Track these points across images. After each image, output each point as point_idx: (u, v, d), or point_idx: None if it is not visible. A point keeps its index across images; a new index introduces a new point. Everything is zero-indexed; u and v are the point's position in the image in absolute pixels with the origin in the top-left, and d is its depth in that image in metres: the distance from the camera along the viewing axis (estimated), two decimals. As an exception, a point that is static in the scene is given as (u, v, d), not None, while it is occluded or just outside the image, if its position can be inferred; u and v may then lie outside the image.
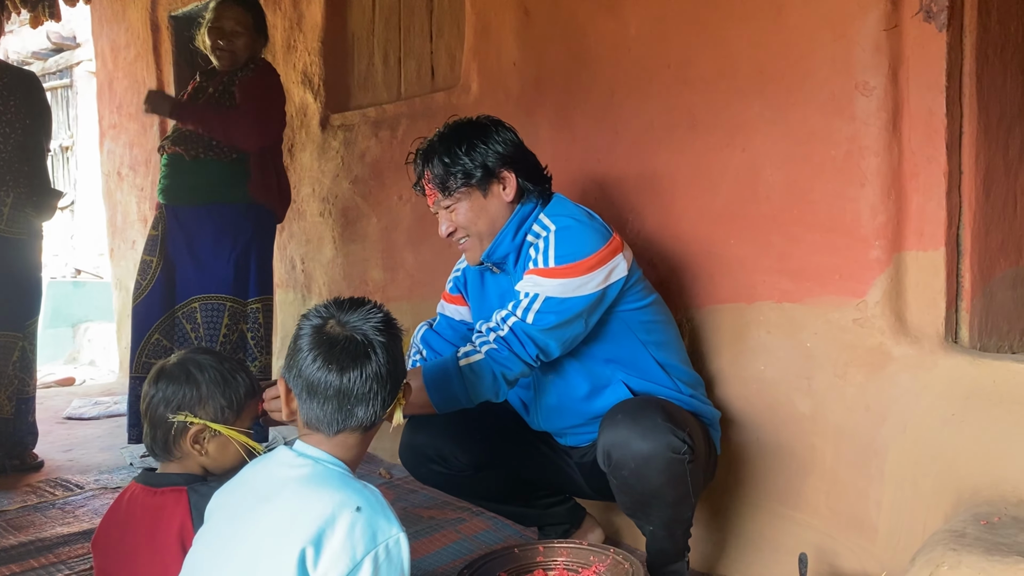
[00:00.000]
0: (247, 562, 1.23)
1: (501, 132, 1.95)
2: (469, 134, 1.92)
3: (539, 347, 1.79)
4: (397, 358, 1.37)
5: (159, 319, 3.04)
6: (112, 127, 5.19)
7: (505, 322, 1.79)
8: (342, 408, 1.31)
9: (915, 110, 1.86)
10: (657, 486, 1.71)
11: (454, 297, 2.15)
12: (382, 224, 3.38)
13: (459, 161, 1.87)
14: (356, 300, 1.38)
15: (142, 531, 1.54)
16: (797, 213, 2.02)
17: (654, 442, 1.68)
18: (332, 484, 1.27)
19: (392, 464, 3.16)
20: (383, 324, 1.35)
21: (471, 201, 1.90)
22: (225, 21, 3.05)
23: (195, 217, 3.05)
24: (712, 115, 2.17)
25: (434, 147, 1.92)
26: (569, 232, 1.85)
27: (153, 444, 1.60)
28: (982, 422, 1.73)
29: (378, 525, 1.23)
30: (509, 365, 1.78)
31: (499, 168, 1.90)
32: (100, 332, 6.57)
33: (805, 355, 2.03)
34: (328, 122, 3.62)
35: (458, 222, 1.92)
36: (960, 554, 1.41)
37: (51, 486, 3.02)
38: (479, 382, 1.77)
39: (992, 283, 1.94)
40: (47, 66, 9.60)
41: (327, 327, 1.33)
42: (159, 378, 1.59)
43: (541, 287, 1.79)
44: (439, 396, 1.78)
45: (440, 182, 1.89)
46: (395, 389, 1.37)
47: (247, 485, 1.36)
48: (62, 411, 4.41)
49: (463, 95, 2.97)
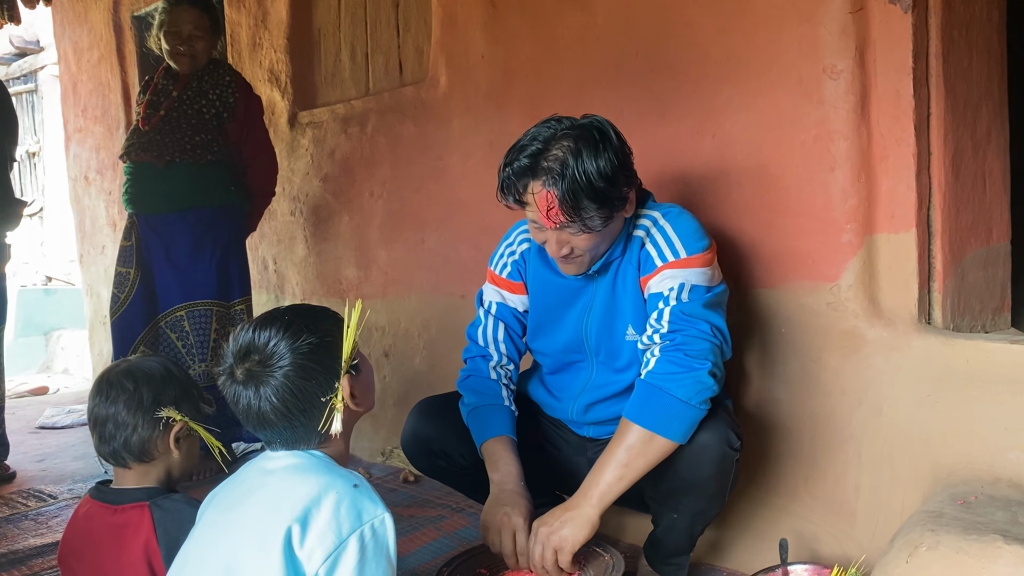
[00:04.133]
0: (235, 547, 1.23)
1: (620, 138, 1.72)
2: (601, 148, 1.66)
3: (706, 320, 1.67)
4: (303, 387, 1.29)
5: (142, 332, 2.98)
6: (78, 131, 5.10)
7: (661, 318, 1.69)
8: (284, 432, 1.31)
9: (883, 92, 1.86)
10: (704, 477, 1.68)
11: (515, 284, 1.97)
12: (354, 222, 3.35)
13: (603, 196, 1.65)
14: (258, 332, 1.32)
15: (106, 551, 1.51)
16: (768, 199, 2.02)
17: (713, 432, 1.66)
18: (319, 470, 1.27)
19: (371, 463, 3.14)
20: (284, 349, 1.29)
21: (601, 231, 1.73)
22: (183, 25, 2.98)
23: (170, 224, 2.98)
24: (681, 102, 2.16)
25: (564, 165, 1.64)
26: (687, 223, 1.77)
27: (123, 449, 1.55)
28: (956, 402, 1.73)
29: (363, 505, 1.22)
30: (688, 345, 1.65)
31: (627, 189, 1.72)
32: (73, 340, 6.48)
33: (780, 341, 2.03)
34: (296, 120, 3.58)
35: (579, 245, 1.73)
36: (938, 534, 1.41)
37: (23, 497, 2.97)
38: (673, 379, 1.63)
39: (963, 263, 1.94)
40: (11, 71, 9.46)
41: (235, 374, 1.31)
42: (128, 379, 1.56)
43: (685, 278, 1.70)
44: (663, 423, 1.62)
45: (581, 219, 1.66)
46: (320, 405, 1.31)
47: (238, 480, 1.36)
48: (35, 420, 4.35)
49: (432, 89, 2.94)
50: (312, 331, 1.30)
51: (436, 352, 3.05)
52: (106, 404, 1.55)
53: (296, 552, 1.18)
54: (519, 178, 1.70)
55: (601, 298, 1.86)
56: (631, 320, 1.81)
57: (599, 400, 1.91)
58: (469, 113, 2.79)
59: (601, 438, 1.96)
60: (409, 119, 3.06)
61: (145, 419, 1.54)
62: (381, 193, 3.22)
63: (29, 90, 9.44)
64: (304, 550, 1.18)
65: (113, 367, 1.61)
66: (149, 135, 2.97)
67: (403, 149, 3.10)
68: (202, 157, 2.97)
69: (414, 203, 3.08)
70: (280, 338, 1.29)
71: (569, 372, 1.96)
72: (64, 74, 5.27)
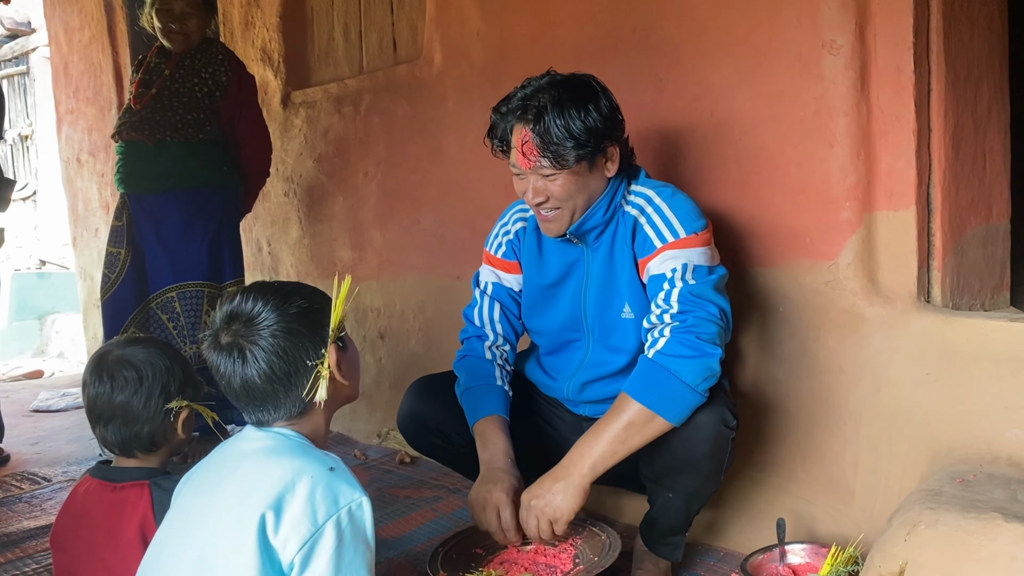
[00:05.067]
0: (209, 533, 1.21)
1: (608, 95, 1.76)
2: (581, 94, 1.71)
3: (714, 303, 1.66)
4: (289, 348, 1.27)
5: (132, 312, 2.95)
6: (69, 112, 5.06)
7: (669, 298, 1.67)
8: (267, 401, 1.29)
9: (883, 68, 1.83)
10: (699, 455, 1.67)
11: (510, 264, 1.97)
12: (348, 203, 3.33)
13: (574, 127, 1.67)
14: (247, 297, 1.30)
15: (102, 527, 1.51)
16: (766, 176, 2.00)
17: (709, 411, 1.65)
18: (292, 453, 1.25)
19: (367, 445, 3.13)
20: (272, 318, 1.27)
21: (577, 174, 1.72)
22: (175, 3, 2.94)
23: (162, 204, 2.95)
24: (679, 79, 2.14)
25: (543, 102, 1.69)
26: (683, 202, 1.76)
27: (134, 442, 1.55)
28: (956, 381, 1.72)
29: (340, 490, 1.20)
30: (700, 327, 1.63)
31: (607, 141, 1.73)
32: (68, 323, 6.45)
33: (778, 320, 2.02)
34: (289, 99, 3.55)
35: (554, 193, 1.73)
36: (937, 512, 1.40)
37: (17, 480, 2.95)
38: (683, 362, 1.61)
39: (963, 241, 1.92)
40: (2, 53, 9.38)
41: (220, 339, 1.29)
42: (133, 370, 1.54)
43: (687, 258, 1.69)
44: (663, 403, 1.62)
45: (552, 150, 1.68)
46: (305, 370, 1.29)
47: (212, 462, 1.33)
48: (29, 404, 4.33)
49: (426, 67, 2.91)
50: (302, 296, 1.30)
51: (431, 334, 3.03)
52: (112, 396, 1.53)
53: (270, 540, 1.15)
54: (504, 119, 1.75)
55: (596, 275, 1.85)
56: (627, 299, 1.80)
57: (594, 379, 1.90)
58: (464, 91, 2.76)
59: (596, 416, 1.94)
60: (403, 98, 3.03)
61: (157, 413, 1.54)
62: (375, 174, 3.19)
63: (21, 72, 9.37)
64: (279, 537, 1.15)
65: (107, 352, 1.58)
66: (140, 114, 2.93)
67: (397, 129, 3.07)
68: (194, 136, 2.93)
69: (409, 183, 3.05)
70: (267, 303, 1.27)
71: (565, 351, 1.95)
72: (55, 55, 5.21)
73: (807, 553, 1.81)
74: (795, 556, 1.81)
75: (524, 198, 1.79)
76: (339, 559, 1.16)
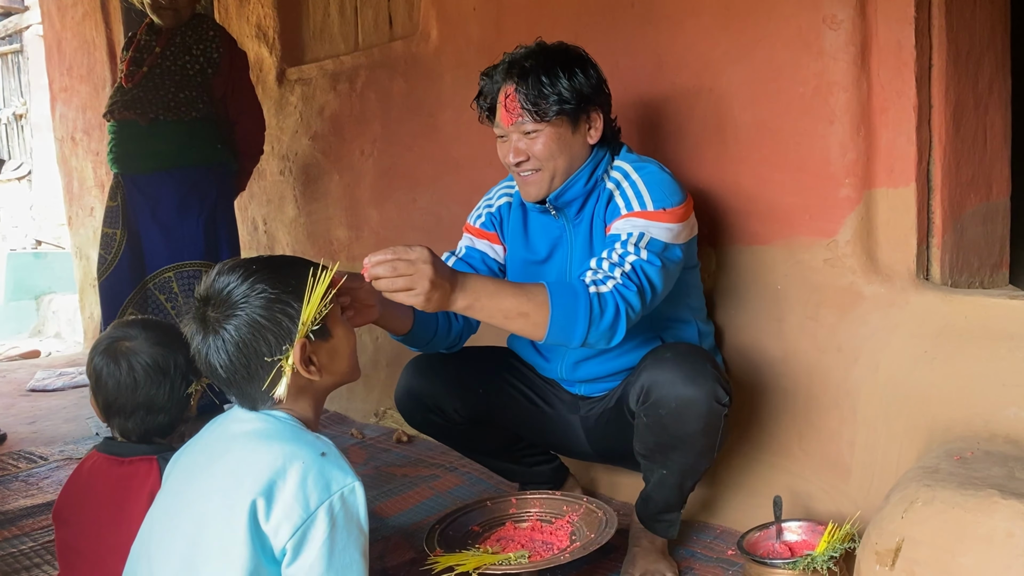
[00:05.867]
0: (199, 518, 1.19)
1: (595, 66, 1.79)
2: (568, 58, 1.75)
3: (653, 288, 1.64)
4: (249, 340, 1.22)
5: (130, 293, 2.94)
6: (63, 90, 5.02)
7: (625, 259, 1.63)
8: (231, 388, 1.27)
9: (884, 43, 1.81)
10: (691, 432, 1.66)
11: (487, 233, 1.99)
12: (344, 181, 3.30)
13: (559, 84, 1.70)
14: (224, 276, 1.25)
15: (107, 501, 1.50)
16: (765, 153, 1.98)
17: (700, 387, 1.64)
18: (282, 437, 1.22)
19: (364, 424, 3.13)
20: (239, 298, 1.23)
21: (558, 133, 1.73)
22: None
23: (156, 184, 2.93)
24: (678, 54, 2.11)
25: (528, 63, 1.73)
26: (657, 177, 1.75)
27: (155, 431, 1.56)
28: (954, 358, 1.71)
29: (332, 475, 1.18)
30: (634, 305, 1.60)
31: (591, 105, 1.76)
32: (64, 304, 6.43)
33: (775, 297, 2.01)
34: (284, 76, 3.52)
35: (535, 152, 1.74)
36: (934, 489, 1.40)
37: (14, 458, 2.95)
38: (602, 317, 1.56)
39: (963, 219, 1.91)
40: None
41: (195, 316, 1.26)
42: (157, 370, 1.53)
43: (647, 229, 1.67)
44: (561, 321, 1.54)
45: (532, 103, 1.70)
46: (264, 365, 1.24)
47: (201, 443, 1.32)
48: (26, 383, 4.32)
49: (423, 43, 2.88)
50: (272, 284, 1.23)
51: (428, 312, 3.02)
52: (135, 391, 1.52)
53: (262, 526, 1.14)
54: (491, 81, 1.78)
55: (579, 251, 1.85)
56: None
57: (587, 357, 1.90)
58: (461, 68, 2.73)
59: (593, 396, 1.95)
60: (400, 75, 3.00)
61: (180, 401, 1.55)
62: (371, 152, 3.16)
63: (14, 50, 9.29)
64: (270, 524, 1.14)
65: (118, 341, 1.55)
66: (132, 92, 2.90)
67: (394, 106, 3.04)
68: (187, 114, 2.90)
69: (405, 161, 3.03)
70: (236, 286, 1.22)
71: None
72: (48, 32, 5.17)
73: (804, 530, 1.81)
74: (792, 533, 1.81)
75: (505, 162, 1.79)
76: (332, 545, 1.15)
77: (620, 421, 1.82)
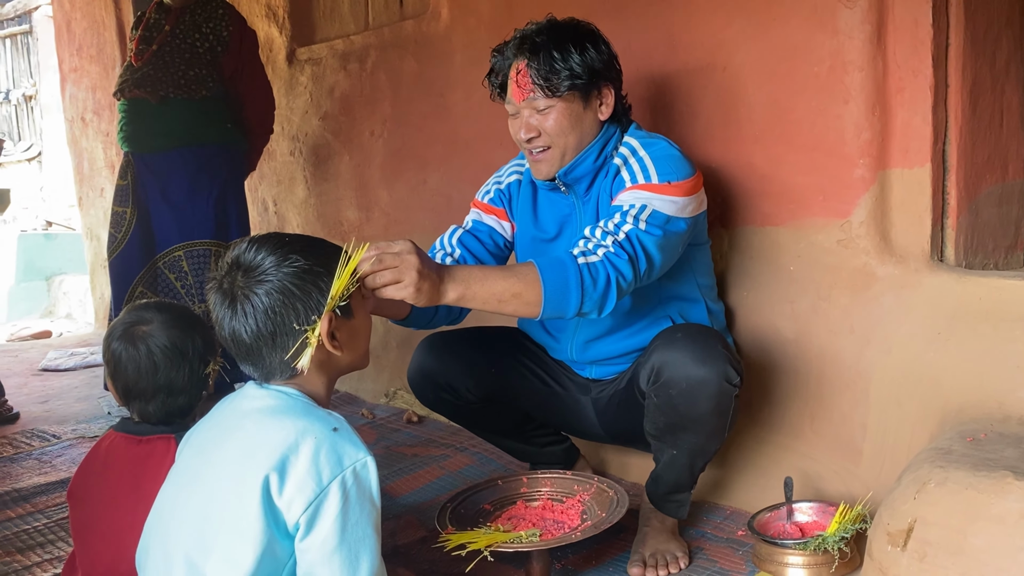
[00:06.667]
0: (211, 494, 1.20)
1: (606, 42, 1.79)
2: (580, 33, 1.75)
3: (650, 259, 1.63)
4: (278, 307, 1.22)
5: (140, 272, 2.94)
6: (73, 71, 5.01)
7: (620, 228, 1.63)
8: (251, 357, 1.26)
9: (900, 21, 1.79)
10: (702, 412, 1.66)
11: (496, 209, 1.97)
12: (354, 161, 3.30)
13: (571, 59, 1.70)
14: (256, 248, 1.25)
15: (124, 479, 1.51)
16: (779, 133, 1.97)
17: (711, 368, 1.63)
18: (295, 412, 1.23)
19: (375, 404, 3.14)
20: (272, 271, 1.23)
21: (570, 109, 1.73)
22: None
23: (167, 162, 2.93)
24: (691, 33, 2.10)
25: (539, 38, 1.72)
26: (665, 152, 1.74)
27: (177, 413, 1.57)
28: (968, 340, 1.70)
29: (344, 450, 1.18)
30: (625, 274, 1.59)
31: (602, 81, 1.76)
32: (75, 284, 6.46)
33: (788, 279, 2.00)
34: (295, 56, 3.50)
35: (546, 128, 1.74)
36: (947, 471, 1.39)
37: (27, 437, 2.98)
38: (594, 287, 1.56)
39: (978, 200, 1.90)
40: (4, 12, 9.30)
41: (222, 284, 1.26)
42: (177, 353, 1.53)
43: (649, 201, 1.66)
44: (554, 296, 1.53)
45: (544, 78, 1.70)
46: (292, 333, 1.24)
47: (214, 419, 1.32)
48: (38, 363, 4.35)
49: (433, 22, 2.86)
50: (306, 256, 1.24)
51: (439, 293, 3.02)
52: (156, 376, 1.53)
53: (275, 501, 1.14)
54: (503, 58, 1.79)
55: (563, 216, 1.85)
56: None
57: (596, 337, 1.89)
58: (472, 47, 2.71)
59: (604, 378, 1.94)
60: (410, 54, 2.98)
61: (198, 382, 1.56)
62: (382, 132, 3.15)
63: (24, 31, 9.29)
64: (283, 499, 1.14)
65: (134, 325, 1.55)
66: (142, 71, 2.90)
67: (404, 86, 3.03)
68: (196, 92, 2.90)
69: (416, 142, 3.02)
70: (268, 256, 1.23)
71: None
72: (58, 12, 5.16)
73: (815, 511, 1.81)
74: (802, 514, 1.81)
75: (517, 139, 1.78)
76: (345, 519, 1.16)
77: (631, 402, 1.82)
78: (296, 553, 1.18)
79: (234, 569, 1.15)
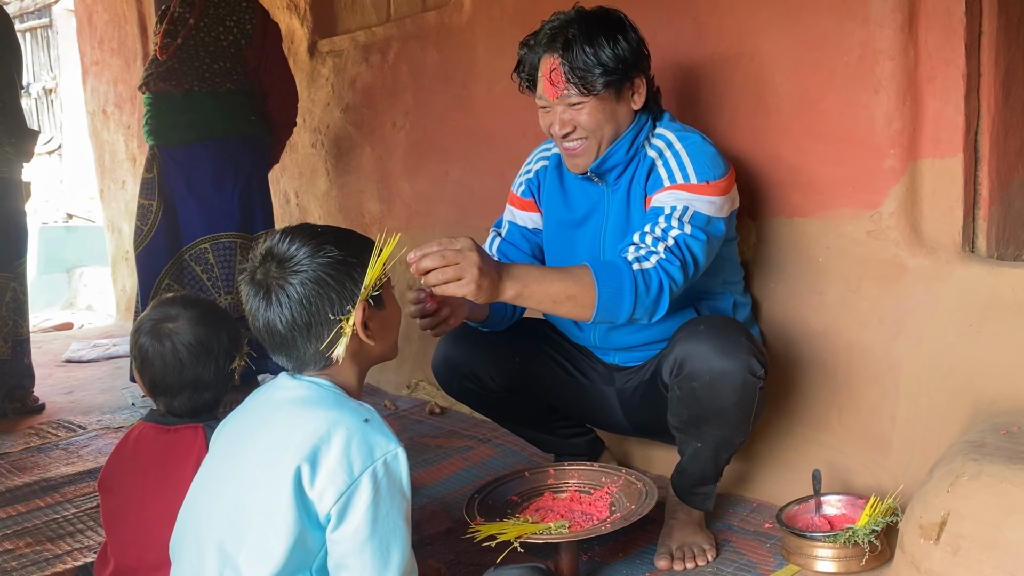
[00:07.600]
0: (244, 484, 1.21)
1: (634, 28, 1.77)
2: (611, 26, 1.72)
3: (696, 263, 1.65)
4: (314, 298, 1.23)
5: (167, 264, 2.98)
6: (95, 64, 5.04)
7: (668, 233, 1.63)
8: (286, 347, 1.27)
9: (932, 9, 1.77)
10: (726, 405, 1.65)
11: (526, 202, 1.98)
12: (376, 153, 3.30)
13: (603, 53, 1.68)
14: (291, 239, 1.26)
15: (153, 468, 1.53)
16: (808, 123, 1.95)
17: (735, 360, 1.62)
18: (326, 403, 1.24)
19: (397, 396, 3.15)
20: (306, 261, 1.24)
21: (604, 103, 1.72)
22: None
23: (192, 155, 2.95)
24: (718, 22, 2.08)
25: (572, 33, 1.70)
26: (701, 148, 1.74)
27: (203, 408, 1.58)
28: (1000, 332, 1.69)
29: (375, 441, 1.19)
30: (677, 279, 1.61)
31: (634, 71, 1.74)
32: (96, 276, 6.50)
33: (817, 270, 1.98)
34: (316, 48, 3.50)
35: (582, 123, 1.73)
36: (981, 464, 1.38)
37: (53, 427, 3.00)
38: (647, 293, 1.57)
39: (1010, 190, 1.87)
40: (24, 5, 9.34)
41: (256, 275, 1.27)
42: (202, 349, 1.54)
43: (690, 202, 1.66)
44: (608, 301, 1.55)
45: (579, 77, 1.68)
46: (327, 323, 1.26)
47: (247, 410, 1.33)
48: (61, 354, 4.38)
49: (455, 13, 2.85)
50: (339, 247, 1.26)
51: (460, 285, 3.02)
52: (182, 372, 1.53)
53: (307, 491, 1.15)
54: (532, 52, 1.76)
55: (615, 216, 1.83)
56: None
57: (618, 325, 1.88)
58: (494, 38, 2.70)
59: (628, 365, 1.94)
60: (432, 46, 2.98)
61: (224, 378, 1.57)
62: (404, 124, 3.15)
63: (43, 25, 9.34)
64: (315, 490, 1.15)
65: (161, 322, 1.56)
66: (167, 64, 2.92)
67: (426, 77, 3.02)
68: (221, 85, 2.91)
69: (438, 134, 3.02)
70: (302, 247, 1.24)
71: None
72: (79, 5, 5.19)
73: (843, 504, 1.80)
74: (831, 507, 1.80)
75: (550, 132, 1.77)
76: (376, 510, 1.16)
77: (655, 394, 1.81)
78: (327, 544, 1.19)
79: (266, 559, 1.16)
